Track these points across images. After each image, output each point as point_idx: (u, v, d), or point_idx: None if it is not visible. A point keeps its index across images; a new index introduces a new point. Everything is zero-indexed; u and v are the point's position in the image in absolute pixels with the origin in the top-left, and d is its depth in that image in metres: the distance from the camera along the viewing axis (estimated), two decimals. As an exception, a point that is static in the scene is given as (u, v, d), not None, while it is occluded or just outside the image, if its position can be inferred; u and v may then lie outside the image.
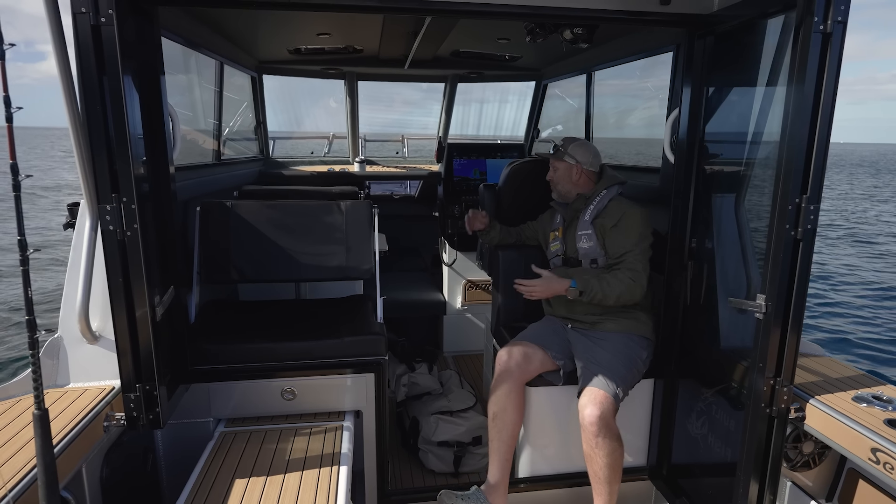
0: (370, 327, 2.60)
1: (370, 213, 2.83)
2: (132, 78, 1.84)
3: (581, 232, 2.70)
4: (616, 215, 2.63)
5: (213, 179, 3.51)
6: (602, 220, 2.65)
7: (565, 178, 2.80)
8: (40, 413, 1.31)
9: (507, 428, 2.49)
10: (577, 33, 2.83)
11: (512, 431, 2.50)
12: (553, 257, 2.86)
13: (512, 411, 2.50)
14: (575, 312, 2.70)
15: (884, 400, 1.95)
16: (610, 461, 2.35)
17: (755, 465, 2.04)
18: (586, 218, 2.70)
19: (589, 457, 2.39)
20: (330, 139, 5.57)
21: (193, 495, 1.93)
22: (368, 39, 3.85)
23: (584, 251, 2.69)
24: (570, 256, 2.77)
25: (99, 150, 1.74)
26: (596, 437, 2.32)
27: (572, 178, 2.79)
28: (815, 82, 1.77)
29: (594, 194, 2.73)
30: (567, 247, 2.78)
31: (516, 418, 2.51)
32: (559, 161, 2.81)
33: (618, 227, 2.61)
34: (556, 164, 2.83)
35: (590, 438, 2.34)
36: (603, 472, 2.36)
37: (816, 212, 1.84)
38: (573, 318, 2.72)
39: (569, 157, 2.78)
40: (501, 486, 2.48)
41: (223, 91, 3.89)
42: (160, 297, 2.00)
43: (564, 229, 2.82)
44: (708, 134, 2.47)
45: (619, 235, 2.60)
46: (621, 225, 2.60)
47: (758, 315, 1.96)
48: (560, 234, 2.84)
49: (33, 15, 11.60)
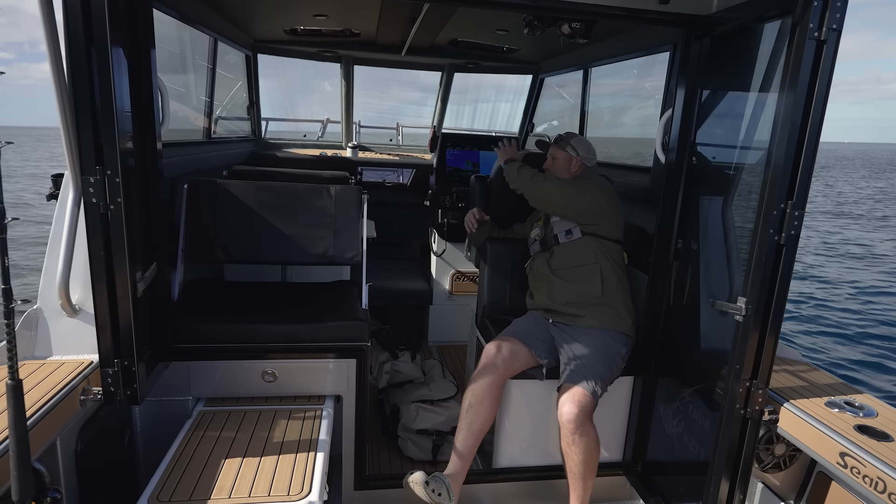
0: (354, 313, 2.60)
1: (359, 199, 2.82)
2: (121, 50, 1.81)
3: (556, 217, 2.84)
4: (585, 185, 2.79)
5: (202, 157, 3.47)
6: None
7: (563, 168, 2.88)
8: (14, 383, 1.30)
9: (478, 420, 2.47)
10: (576, 28, 2.82)
11: (483, 425, 2.48)
12: (532, 243, 2.94)
13: (489, 405, 2.50)
14: (556, 305, 2.72)
15: (856, 406, 1.99)
16: (585, 458, 2.37)
17: (727, 464, 2.08)
18: None
19: (566, 453, 2.41)
20: (325, 123, 5.53)
21: (169, 472, 1.93)
22: (366, 23, 3.82)
23: (559, 226, 2.79)
24: (547, 238, 2.85)
25: (84, 122, 1.71)
26: (573, 434, 2.34)
27: (570, 168, 2.87)
28: (807, 88, 1.78)
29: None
30: (545, 231, 2.87)
31: (490, 412, 2.50)
32: (561, 150, 2.88)
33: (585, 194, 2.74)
34: (556, 153, 2.90)
35: (567, 435, 2.37)
36: (578, 469, 2.38)
37: (801, 218, 1.85)
38: (554, 310, 2.73)
39: (571, 147, 2.87)
40: (461, 475, 2.45)
41: (216, 68, 3.85)
42: (142, 272, 1.98)
43: (545, 218, 2.91)
44: (699, 135, 2.48)
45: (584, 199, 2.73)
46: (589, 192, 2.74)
47: (737, 317, 1.98)
48: (541, 221, 2.93)
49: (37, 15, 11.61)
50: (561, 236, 2.77)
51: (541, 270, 2.84)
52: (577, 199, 2.72)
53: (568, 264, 2.74)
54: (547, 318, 2.76)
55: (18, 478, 1.30)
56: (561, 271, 2.75)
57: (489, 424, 2.54)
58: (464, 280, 4.52)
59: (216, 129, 4.08)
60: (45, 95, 1.93)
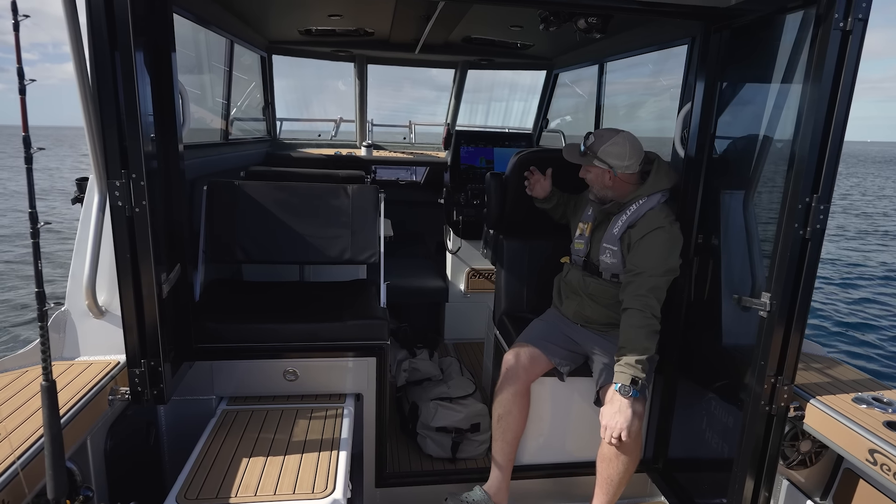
0: (373, 312, 2.61)
1: (377, 198, 2.83)
2: (144, 54, 1.83)
3: (606, 245, 2.50)
4: (646, 228, 2.37)
5: (220, 159, 3.50)
6: (630, 232, 2.42)
7: (598, 182, 2.50)
8: (48, 384, 1.32)
9: (511, 430, 2.50)
10: (592, 23, 2.80)
11: (516, 434, 2.51)
12: (576, 256, 2.69)
13: (517, 414, 2.50)
14: (587, 321, 2.63)
15: (884, 402, 1.96)
16: (628, 468, 2.32)
17: (752, 461, 2.06)
18: (615, 231, 2.46)
19: (608, 460, 2.33)
20: (338, 122, 5.55)
21: (195, 471, 1.96)
22: (380, 22, 3.82)
23: (607, 266, 2.53)
24: (592, 262, 2.60)
25: (109, 126, 1.74)
26: (623, 445, 2.27)
27: (605, 182, 2.48)
28: (832, 81, 1.75)
29: (631, 201, 2.44)
30: (591, 250, 2.60)
31: (521, 420, 2.51)
32: (590, 166, 2.50)
33: (645, 239, 2.35)
34: (586, 169, 2.54)
35: (617, 443, 2.26)
36: (617, 477, 2.33)
37: (826, 212, 1.83)
38: (584, 322, 2.65)
39: (599, 161, 2.43)
40: (504, 486, 2.50)
41: (232, 70, 3.87)
42: (167, 274, 2.00)
43: (593, 229, 2.60)
44: (719, 129, 2.45)
45: (643, 249, 2.35)
46: (650, 239, 2.34)
47: (762, 313, 1.96)
48: (588, 231, 2.61)
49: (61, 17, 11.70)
50: (606, 275, 2.53)
51: (575, 284, 2.65)
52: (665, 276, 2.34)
53: (604, 295, 2.55)
54: (574, 321, 2.68)
55: (53, 476, 1.33)
56: (595, 297, 2.58)
57: (521, 431, 2.55)
58: (479, 277, 4.51)
59: (232, 131, 4.11)
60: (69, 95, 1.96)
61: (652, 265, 2.31)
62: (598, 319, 2.61)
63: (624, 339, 2.27)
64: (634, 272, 2.34)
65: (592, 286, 2.59)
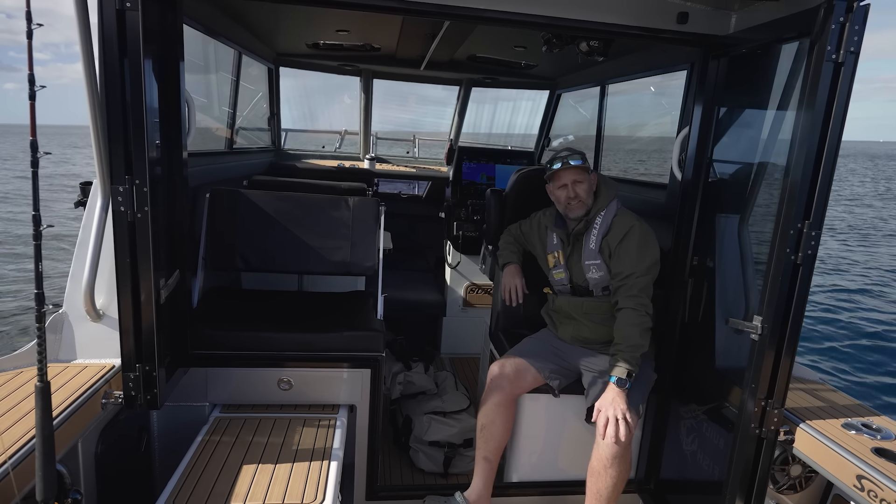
0: (370, 323, 2.62)
1: (377, 210, 2.86)
2: (153, 63, 1.87)
3: (589, 262, 2.55)
4: (619, 232, 2.49)
5: (223, 167, 3.54)
6: (607, 240, 2.51)
7: (589, 193, 2.55)
8: (42, 385, 1.34)
9: (493, 440, 2.49)
10: (594, 46, 2.85)
11: (499, 444, 2.51)
12: (559, 286, 2.69)
13: (500, 424, 2.50)
14: (584, 343, 2.64)
15: (873, 429, 1.97)
16: (617, 482, 2.33)
17: (742, 484, 2.06)
18: (592, 246, 2.53)
19: (597, 474, 2.33)
20: (342, 135, 5.61)
21: (185, 477, 1.96)
22: (386, 39, 3.88)
23: (595, 282, 2.56)
24: (577, 285, 2.63)
25: (116, 132, 1.77)
26: (613, 458, 2.28)
27: (592, 191, 2.58)
28: (825, 110, 1.79)
29: (595, 215, 2.55)
30: (573, 274, 2.63)
31: (504, 431, 2.51)
32: (586, 173, 2.54)
33: (623, 243, 2.47)
34: (581, 175, 2.52)
35: (605, 458, 2.30)
36: (607, 492, 2.33)
37: (818, 238, 1.85)
38: (583, 343, 2.66)
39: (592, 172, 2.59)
40: (485, 495, 2.49)
41: (240, 81, 3.93)
42: (166, 280, 2.03)
43: (567, 255, 2.65)
44: (716, 153, 2.48)
45: (624, 253, 2.46)
46: (626, 242, 2.46)
47: (753, 336, 1.98)
48: (561, 258, 2.66)
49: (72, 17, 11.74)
50: (597, 291, 2.57)
51: (567, 309, 2.67)
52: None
53: (600, 311, 2.57)
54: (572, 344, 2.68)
55: (43, 478, 1.34)
56: (591, 315, 2.60)
57: (504, 442, 2.55)
58: (478, 292, 4.53)
59: (237, 140, 4.16)
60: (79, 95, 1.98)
61: (636, 266, 2.43)
62: (598, 339, 2.60)
63: (620, 336, 2.37)
64: (622, 276, 2.46)
65: (587, 306, 2.61)
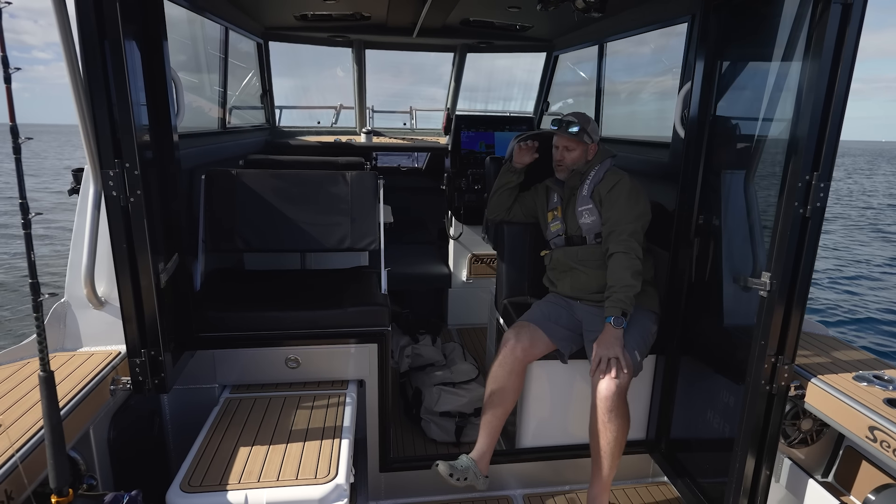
0: (374, 298, 2.61)
1: (376, 184, 2.82)
2: (134, 42, 1.81)
3: (581, 207, 2.65)
4: (610, 183, 2.60)
5: (218, 148, 3.49)
6: (598, 188, 2.62)
7: (580, 159, 2.69)
8: (46, 375, 1.33)
9: (503, 405, 2.52)
10: (590, 2, 2.75)
11: (507, 409, 2.53)
12: (554, 237, 2.80)
13: (510, 391, 2.52)
14: (582, 294, 2.68)
15: (885, 380, 1.95)
16: (618, 436, 2.36)
17: (753, 441, 2.06)
18: (584, 192, 2.65)
19: (598, 431, 2.38)
20: (338, 109, 5.52)
21: (199, 458, 1.97)
22: (376, 6, 3.77)
23: (588, 227, 2.65)
24: (571, 234, 2.73)
25: (101, 116, 1.73)
26: (609, 412, 2.33)
27: (586, 157, 2.70)
28: (833, 56, 1.72)
29: (589, 169, 2.68)
30: (568, 225, 2.74)
31: (512, 398, 2.54)
32: (579, 142, 2.66)
33: (613, 191, 2.57)
34: (573, 144, 2.67)
35: (602, 414, 2.34)
36: (609, 447, 2.37)
37: (826, 189, 1.81)
38: (580, 297, 2.69)
39: (588, 136, 2.66)
40: (487, 455, 2.52)
41: (228, 58, 3.85)
42: (164, 263, 2.01)
43: (563, 208, 2.77)
44: (720, 108, 2.42)
45: (614, 201, 2.56)
46: (616, 191, 2.57)
47: (762, 293, 1.95)
48: (559, 213, 2.79)
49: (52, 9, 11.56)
50: (590, 238, 2.67)
51: (563, 261, 2.75)
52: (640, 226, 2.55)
53: (593, 257, 2.65)
54: (572, 300, 2.73)
55: (55, 465, 1.35)
56: (586, 262, 2.67)
57: (511, 408, 2.57)
58: (481, 263, 4.51)
59: (231, 119, 4.09)
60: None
61: (625, 214, 2.53)
62: (593, 287, 2.64)
63: (613, 279, 2.46)
64: (612, 222, 2.55)
65: (581, 253, 2.69)
